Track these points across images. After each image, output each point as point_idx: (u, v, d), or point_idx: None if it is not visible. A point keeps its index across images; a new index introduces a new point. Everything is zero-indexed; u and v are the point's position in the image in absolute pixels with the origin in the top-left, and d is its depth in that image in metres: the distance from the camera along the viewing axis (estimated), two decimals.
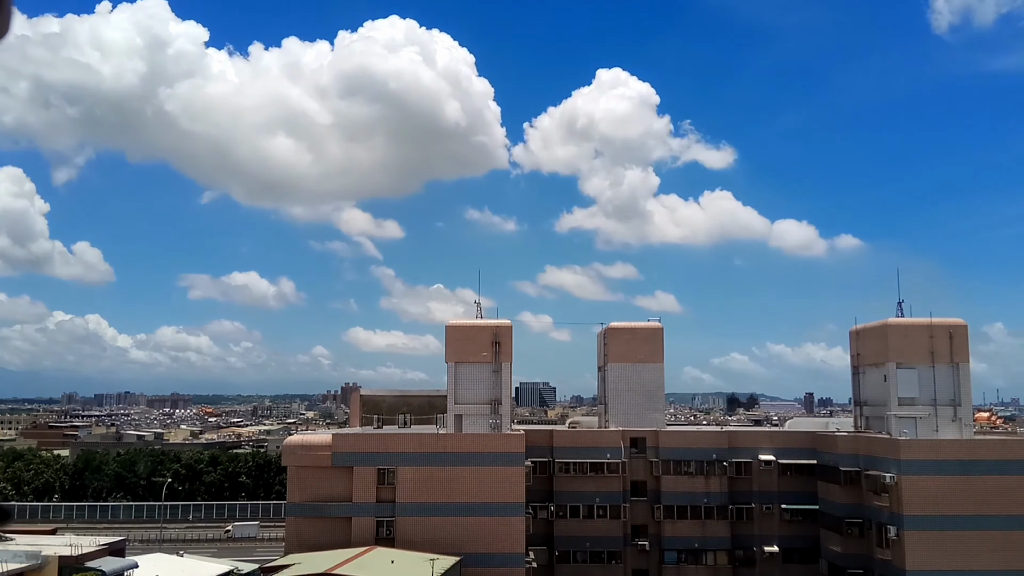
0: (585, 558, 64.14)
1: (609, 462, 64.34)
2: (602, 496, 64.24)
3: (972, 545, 55.19)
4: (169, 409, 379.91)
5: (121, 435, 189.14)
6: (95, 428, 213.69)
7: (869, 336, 65.60)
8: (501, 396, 62.97)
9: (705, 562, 64.91)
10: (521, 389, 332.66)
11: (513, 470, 59.40)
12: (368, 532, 58.47)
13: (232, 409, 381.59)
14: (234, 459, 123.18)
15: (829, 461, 63.52)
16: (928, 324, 61.54)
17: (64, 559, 49.53)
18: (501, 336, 63.69)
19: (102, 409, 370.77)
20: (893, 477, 56.48)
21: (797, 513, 65.73)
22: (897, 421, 60.38)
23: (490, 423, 62.45)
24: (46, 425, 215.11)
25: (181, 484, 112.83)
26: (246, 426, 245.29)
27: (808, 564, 64.87)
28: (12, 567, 46.15)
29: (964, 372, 61.06)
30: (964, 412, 61.01)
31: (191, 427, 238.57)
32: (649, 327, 70.88)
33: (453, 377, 63.41)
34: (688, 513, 64.94)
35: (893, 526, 56.35)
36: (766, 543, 64.91)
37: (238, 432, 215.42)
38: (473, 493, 58.82)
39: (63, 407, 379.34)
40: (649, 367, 68.87)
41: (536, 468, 63.41)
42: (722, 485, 65.36)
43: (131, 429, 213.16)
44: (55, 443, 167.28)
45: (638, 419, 67.74)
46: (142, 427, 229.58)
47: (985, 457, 57.63)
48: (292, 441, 65.40)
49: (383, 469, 59.75)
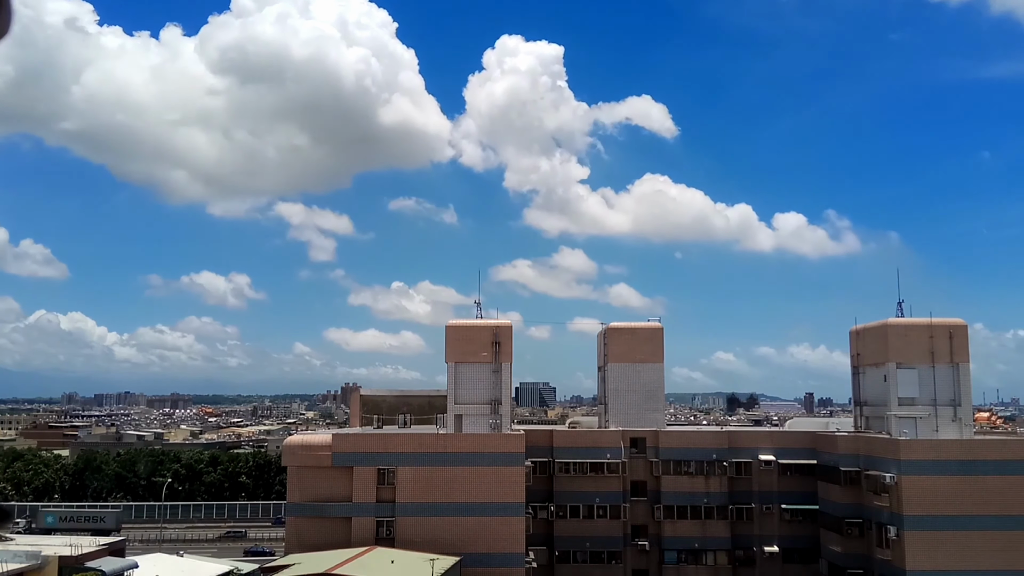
0: (585, 558, 64.12)
1: (609, 462, 64.33)
2: (602, 496, 64.23)
3: (972, 545, 55.19)
4: (169, 409, 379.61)
5: (121, 435, 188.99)
6: (95, 428, 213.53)
7: (869, 336, 65.59)
8: (501, 396, 62.95)
9: (705, 562, 64.91)
10: (521, 389, 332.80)
11: (513, 470, 59.39)
12: (368, 532, 58.47)
13: (232, 409, 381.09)
14: (234, 459, 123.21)
15: (829, 461, 63.51)
16: (928, 324, 61.56)
17: (64, 559, 49.66)
18: (501, 336, 63.68)
19: (102, 409, 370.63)
20: (893, 477, 56.48)
21: (797, 513, 65.72)
22: (897, 421, 60.39)
23: (490, 423, 62.44)
24: (46, 425, 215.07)
25: (181, 484, 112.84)
26: (246, 426, 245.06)
27: (808, 564, 64.86)
28: (12, 567, 46.21)
29: (964, 372, 61.06)
30: (964, 412, 61.01)
31: (191, 427, 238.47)
32: (649, 327, 70.89)
33: (453, 377, 63.38)
34: (688, 513, 64.93)
35: (893, 526, 56.35)
36: (766, 543, 64.89)
37: (238, 432, 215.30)
38: (473, 493, 58.80)
39: (63, 407, 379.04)
40: (649, 367, 68.89)
41: (536, 468, 63.40)
42: (722, 485, 65.34)
43: (131, 429, 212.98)
44: (55, 443, 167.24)
45: (638, 419, 67.73)
46: (142, 427, 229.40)
47: (985, 457, 57.65)
48: (292, 441, 65.42)
49: (383, 469, 59.74)
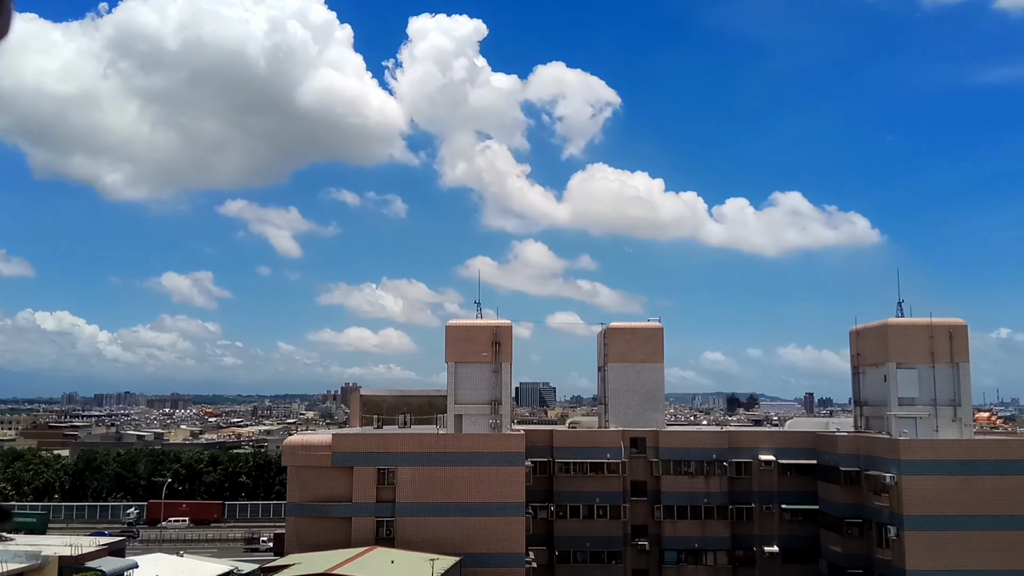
0: (585, 558, 64.12)
1: (609, 462, 64.33)
2: (602, 496, 64.23)
3: (972, 545, 55.18)
4: (169, 409, 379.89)
5: (121, 435, 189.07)
6: (95, 428, 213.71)
7: (869, 336, 65.60)
8: (501, 396, 62.95)
9: (705, 562, 64.91)
10: (521, 389, 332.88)
11: (513, 470, 59.39)
12: (368, 532, 58.46)
13: (232, 409, 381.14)
14: (234, 459, 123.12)
15: (829, 461, 63.51)
16: (928, 324, 61.56)
17: (64, 559, 49.67)
18: (501, 336, 63.68)
19: (102, 409, 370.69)
20: (893, 477, 56.48)
21: (797, 513, 65.72)
22: (897, 421, 60.39)
23: (490, 423, 62.43)
24: (46, 425, 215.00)
25: (181, 484, 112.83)
26: (246, 426, 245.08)
27: (808, 564, 64.85)
28: (12, 567, 46.21)
29: (964, 372, 61.07)
30: (964, 412, 61.02)
31: (191, 427, 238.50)
32: (649, 327, 70.88)
33: (453, 377, 63.39)
34: (688, 513, 64.94)
35: (893, 526, 56.35)
36: (766, 543, 64.89)
37: (238, 432, 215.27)
38: (473, 493, 58.80)
39: (63, 407, 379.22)
40: (649, 367, 68.89)
41: (536, 468, 63.40)
42: (722, 485, 65.35)
43: (131, 429, 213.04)
44: (55, 443, 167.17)
45: (638, 419, 67.73)
46: (142, 427, 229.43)
47: (985, 457, 57.65)
48: (292, 441, 65.42)
49: (383, 469, 59.73)
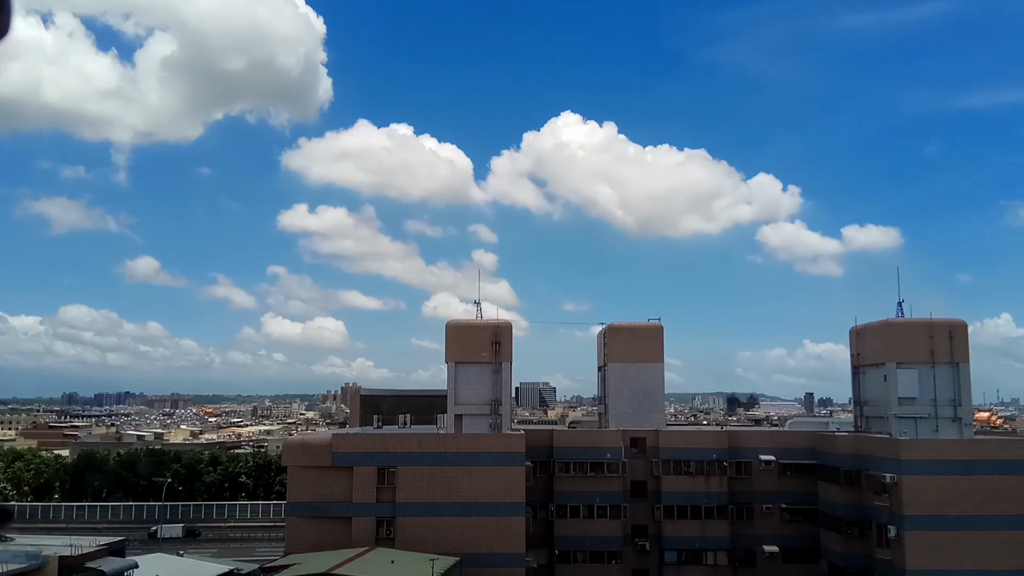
0: (585, 558, 64.07)
1: (609, 462, 64.30)
2: (602, 496, 64.17)
3: (972, 545, 55.13)
4: (169, 409, 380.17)
5: (121, 435, 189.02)
6: (95, 428, 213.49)
7: (869, 336, 65.56)
8: (501, 396, 62.93)
9: (705, 562, 64.86)
10: (521, 389, 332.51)
11: (513, 470, 59.33)
12: (368, 532, 58.42)
13: (232, 409, 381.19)
14: (234, 459, 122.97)
15: (829, 461, 63.47)
16: (928, 324, 61.54)
17: (64, 559, 49.69)
18: (501, 336, 63.64)
19: (102, 409, 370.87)
20: (893, 477, 56.44)
21: (797, 513, 65.65)
22: (897, 421, 60.37)
23: (490, 423, 62.43)
24: (46, 425, 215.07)
25: (181, 484, 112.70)
26: (246, 426, 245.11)
27: (808, 564, 64.78)
28: (12, 567, 46.22)
29: (964, 372, 61.02)
30: (964, 412, 60.99)
31: (191, 427, 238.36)
32: (649, 327, 70.84)
33: (453, 377, 63.37)
34: (688, 513, 64.89)
35: (893, 526, 56.31)
36: (766, 543, 64.84)
37: (238, 432, 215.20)
38: (473, 493, 58.75)
39: (63, 407, 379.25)
40: (649, 367, 68.87)
41: (536, 468, 63.37)
42: (722, 485, 65.30)
43: (131, 429, 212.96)
44: (55, 443, 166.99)
45: (638, 419, 67.71)
46: (142, 427, 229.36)
47: (985, 457, 57.63)
48: (292, 441, 65.48)
49: (383, 469, 59.68)
